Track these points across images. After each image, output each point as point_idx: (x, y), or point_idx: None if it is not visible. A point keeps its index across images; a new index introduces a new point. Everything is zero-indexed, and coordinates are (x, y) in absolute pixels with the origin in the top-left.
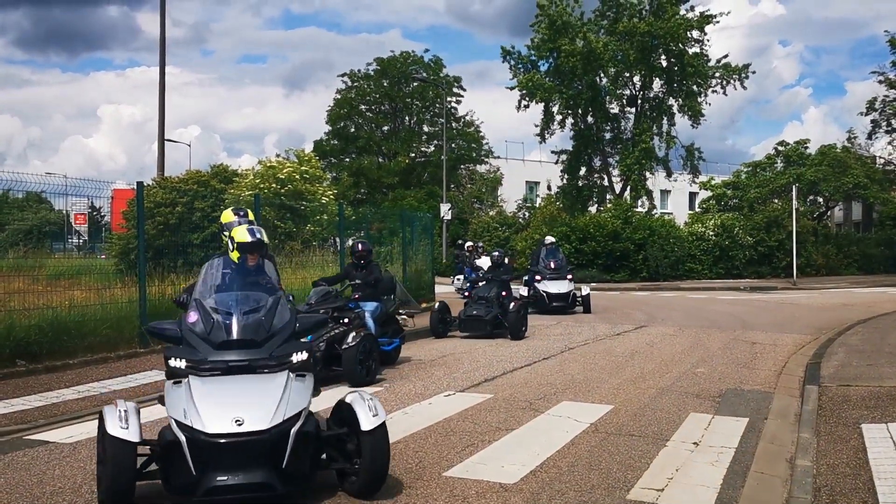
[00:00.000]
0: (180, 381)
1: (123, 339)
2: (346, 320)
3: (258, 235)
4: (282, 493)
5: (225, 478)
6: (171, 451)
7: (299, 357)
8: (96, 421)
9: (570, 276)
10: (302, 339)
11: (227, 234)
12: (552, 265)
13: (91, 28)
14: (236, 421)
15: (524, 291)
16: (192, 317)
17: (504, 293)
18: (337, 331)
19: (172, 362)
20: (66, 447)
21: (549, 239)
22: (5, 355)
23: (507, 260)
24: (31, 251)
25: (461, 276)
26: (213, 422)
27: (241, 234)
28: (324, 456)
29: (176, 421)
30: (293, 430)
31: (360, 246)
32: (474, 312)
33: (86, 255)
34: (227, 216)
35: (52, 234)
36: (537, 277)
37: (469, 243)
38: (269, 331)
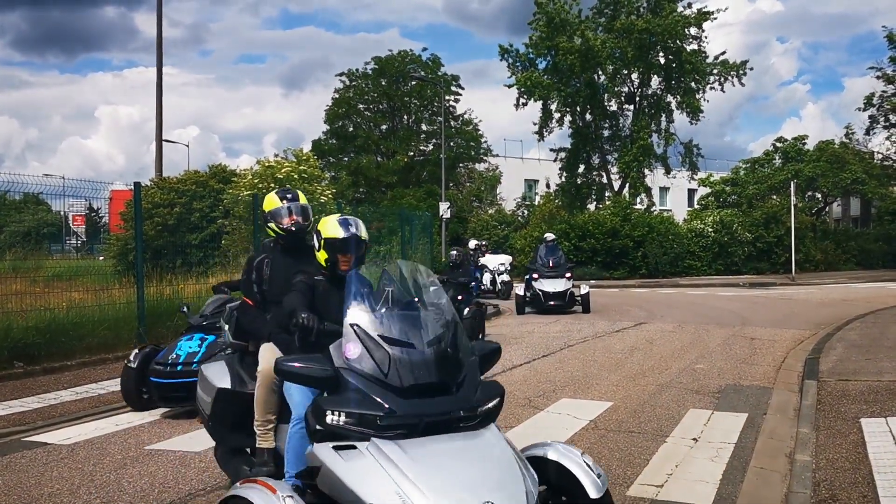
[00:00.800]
0: (349, 447)
1: (122, 340)
2: None
3: (354, 229)
4: None
5: None
6: None
7: (496, 403)
8: (94, 422)
9: (568, 275)
10: None
11: (272, 225)
12: (550, 263)
13: (88, 29)
14: None
15: (520, 290)
16: (353, 350)
17: (460, 297)
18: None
19: (332, 418)
20: (64, 449)
21: (549, 236)
22: (3, 357)
23: (498, 251)
24: (29, 253)
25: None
26: None
27: (332, 227)
28: None
29: None
30: None
31: None
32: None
33: (84, 256)
34: (272, 202)
35: (50, 235)
36: (535, 275)
37: (473, 241)
38: (461, 369)
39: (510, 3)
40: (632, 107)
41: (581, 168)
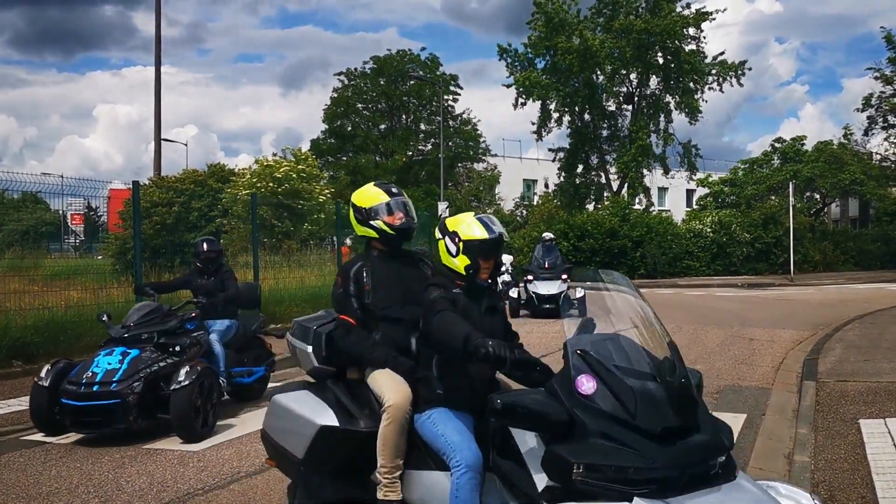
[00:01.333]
0: None
1: None
2: (177, 347)
3: (498, 228)
4: None
5: None
6: None
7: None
8: None
9: (564, 276)
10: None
11: (377, 223)
12: (546, 264)
13: (86, 27)
14: None
15: (514, 293)
16: (587, 384)
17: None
18: (163, 364)
19: (580, 473)
20: (62, 448)
21: (548, 235)
22: (1, 356)
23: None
24: (27, 251)
25: None
26: None
27: (473, 227)
28: None
29: None
30: None
31: (204, 245)
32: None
33: (82, 255)
34: (372, 197)
35: (48, 234)
36: (529, 277)
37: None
38: (697, 403)
39: (508, 3)
40: (630, 107)
41: (580, 168)
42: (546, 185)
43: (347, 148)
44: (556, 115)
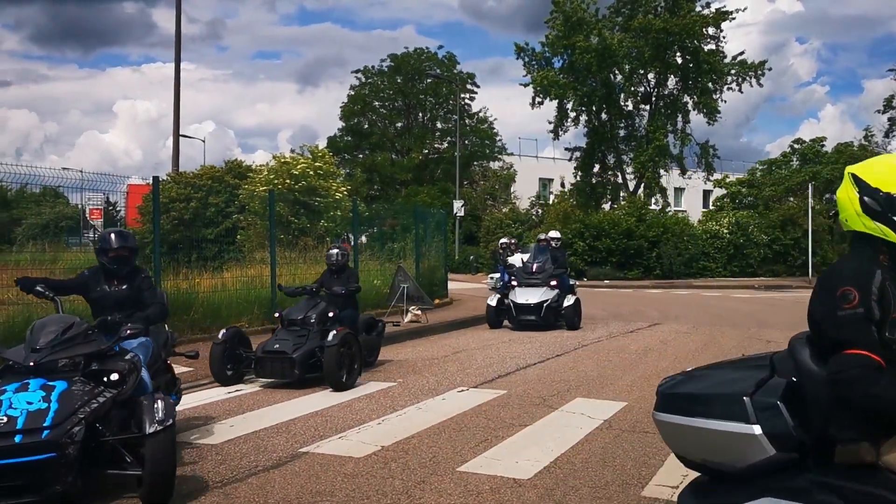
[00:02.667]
0: None
1: None
2: (114, 376)
3: None
4: None
5: None
6: None
7: None
8: None
9: (553, 283)
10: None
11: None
12: (533, 267)
13: (107, 24)
14: None
15: (493, 301)
16: None
17: (332, 313)
18: (102, 400)
19: None
20: None
21: (553, 234)
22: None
23: (528, 249)
24: (48, 245)
25: (495, 275)
26: None
27: None
28: None
29: None
30: None
31: (114, 239)
32: (276, 346)
33: None
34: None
35: (68, 228)
36: (513, 282)
37: (504, 240)
38: None
39: (526, 1)
40: (648, 107)
41: (596, 168)
42: (562, 185)
43: (364, 145)
44: (572, 115)
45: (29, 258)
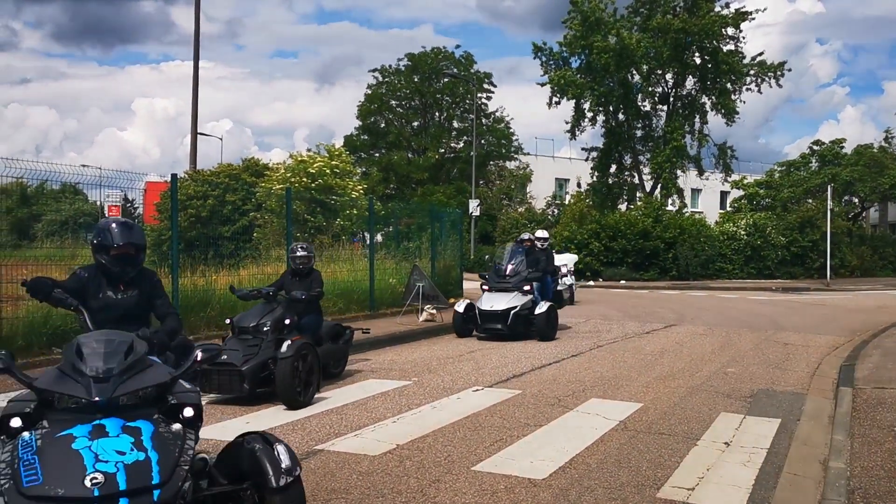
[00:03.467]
0: None
1: None
2: (188, 411)
3: None
4: None
5: None
6: None
7: None
8: None
9: (527, 287)
10: None
11: None
12: (507, 270)
13: (126, 22)
14: None
15: (460, 307)
16: None
17: (289, 320)
18: (192, 443)
19: None
20: None
21: (539, 234)
22: (42, 343)
23: (563, 250)
24: (66, 241)
25: None
26: None
27: None
28: None
29: None
30: None
31: (115, 232)
32: (223, 357)
33: None
34: None
35: (86, 225)
36: (485, 287)
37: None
38: None
39: (544, 1)
40: (665, 107)
41: (613, 168)
42: (578, 185)
43: (380, 144)
44: (590, 115)
45: (47, 254)
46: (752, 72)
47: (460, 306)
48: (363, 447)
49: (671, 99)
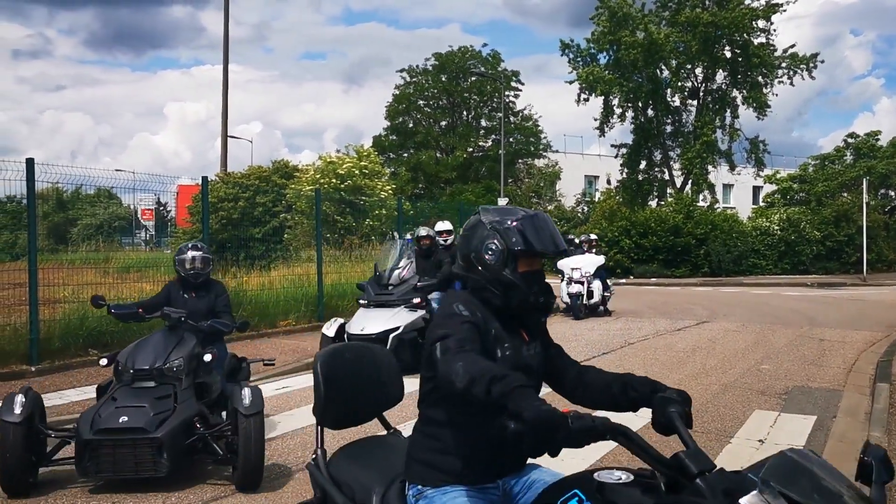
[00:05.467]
0: None
1: None
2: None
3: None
4: None
5: None
6: None
7: None
8: None
9: (417, 300)
10: None
11: None
12: (390, 277)
13: (157, 27)
14: None
15: (330, 330)
16: None
17: (209, 357)
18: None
19: None
20: None
21: (441, 226)
22: (79, 345)
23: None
24: (102, 245)
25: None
26: None
27: None
28: None
29: None
30: None
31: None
32: (122, 420)
33: (152, 248)
34: None
35: (120, 228)
36: (361, 301)
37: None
38: None
39: None
40: (695, 102)
41: (643, 164)
42: (608, 182)
43: (409, 144)
44: (618, 111)
45: (84, 257)
46: (783, 64)
47: (330, 328)
48: None
49: (701, 93)
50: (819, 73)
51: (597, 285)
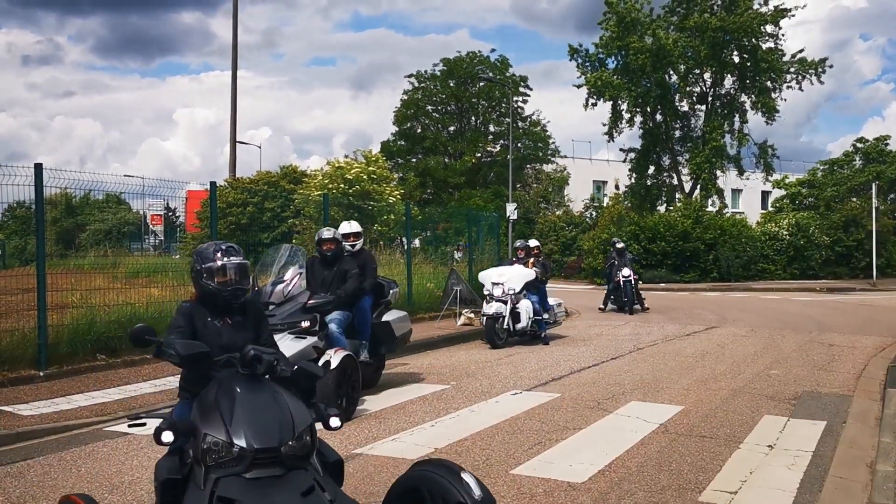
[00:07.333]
0: None
1: None
2: None
3: None
4: None
5: None
6: None
7: None
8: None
9: (307, 323)
10: None
11: None
12: (272, 293)
13: (166, 34)
14: None
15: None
16: None
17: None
18: None
19: None
20: (143, 438)
21: (346, 229)
22: (87, 349)
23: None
24: (111, 250)
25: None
26: None
27: None
28: None
29: None
30: None
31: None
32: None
33: (161, 254)
34: None
35: (129, 234)
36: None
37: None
38: None
39: (579, 3)
40: (704, 107)
41: (651, 169)
42: (616, 187)
43: (417, 149)
44: (627, 116)
45: (92, 263)
46: (792, 69)
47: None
48: (401, 451)
49: (709, 98)
50: (828, 77)
51: (525, 306)
